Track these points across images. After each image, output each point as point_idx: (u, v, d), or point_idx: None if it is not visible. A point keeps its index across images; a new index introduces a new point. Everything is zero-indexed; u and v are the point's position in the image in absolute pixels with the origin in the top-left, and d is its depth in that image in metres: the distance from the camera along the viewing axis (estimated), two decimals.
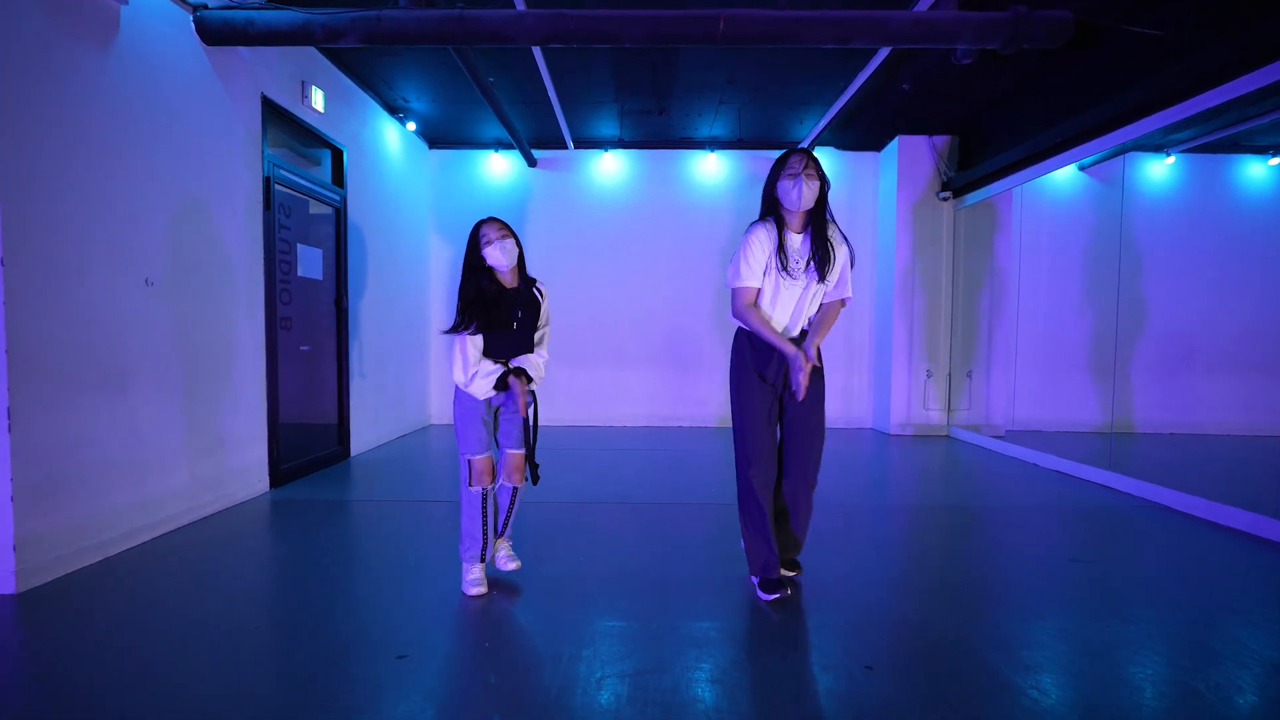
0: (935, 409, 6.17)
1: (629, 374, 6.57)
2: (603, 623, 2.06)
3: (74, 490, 2.47)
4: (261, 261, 3.65)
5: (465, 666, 1.79)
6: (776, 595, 2.22)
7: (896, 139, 6.07)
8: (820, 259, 2.16)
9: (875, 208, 6.52)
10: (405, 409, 5.90)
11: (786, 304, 2.21)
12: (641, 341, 6.55)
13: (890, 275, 6.20)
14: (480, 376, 2.19)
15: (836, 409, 6.64)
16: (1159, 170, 6.23)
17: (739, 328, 2.31)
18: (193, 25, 3.08)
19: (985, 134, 5.73)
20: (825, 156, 6.48)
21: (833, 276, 2.21)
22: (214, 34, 3.11)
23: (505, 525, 2.46)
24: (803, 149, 2.21)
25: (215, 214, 3.26)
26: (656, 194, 6.51)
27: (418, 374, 6.22)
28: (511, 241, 2.22)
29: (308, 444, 4.25)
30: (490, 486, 2.27)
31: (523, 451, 2.34)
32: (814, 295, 2.22)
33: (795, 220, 2.19)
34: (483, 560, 2.31)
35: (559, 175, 6.49)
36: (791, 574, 2.44)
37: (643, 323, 6.53)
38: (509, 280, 2.27)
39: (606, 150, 6.41)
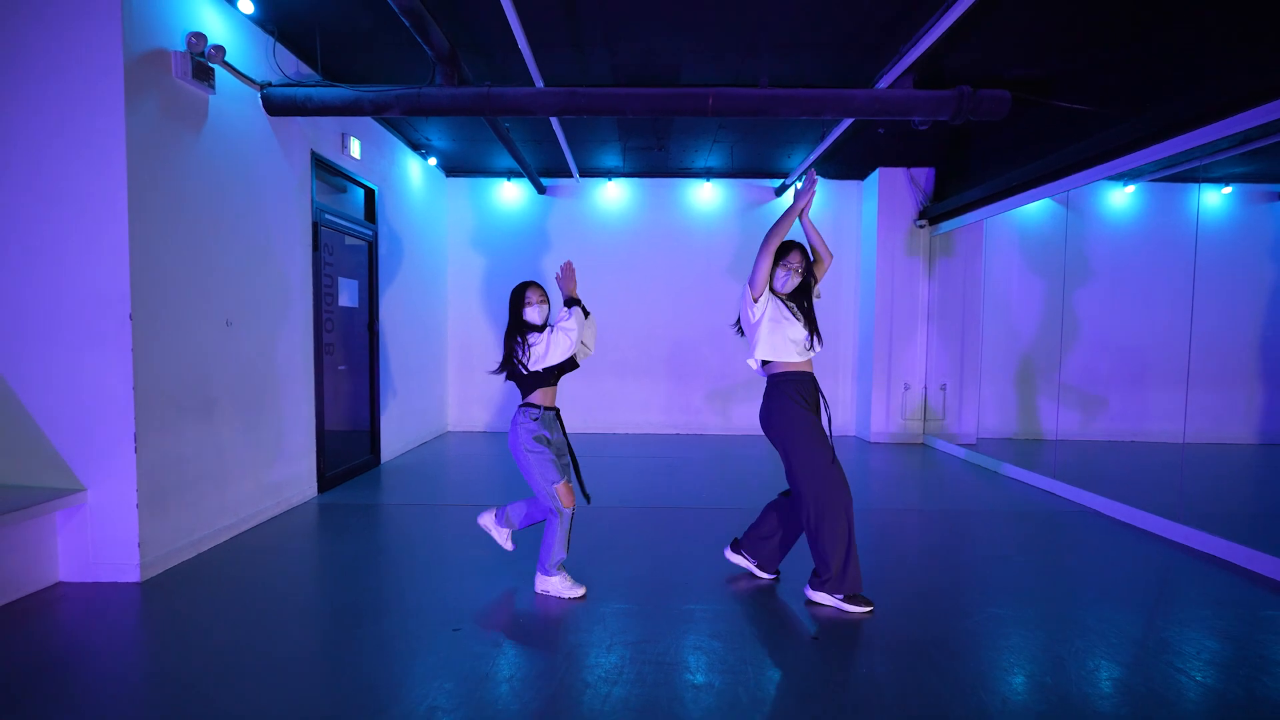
0: (913, 419, 6.71)
1: (631, 385, 7.11)
2: (609, 606, 2.60)
3: (177, 498, 3.02)
4: (311, 296, 4.19)
5: (508, 637, 2.34)
6: (869, 608, 2.55)
7: (877, 170, 6.60)
8: (807, 311, 2.74)
9: (858, 233, 7.05)
10: (427, 418, 6.45)
11: (797, 345, 2.69)
12: (643, 355, 7.09)
13: (871, 295, 6.73)
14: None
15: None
16: (1119, 198, 6.76)
17: (771, 380, 2.71)
18: (260, 101, 3.62)
19: (959, 167, 6.27)
20: None
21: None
22: (277, 107, 3.65)
23: (547, 560, 2.71)
24: (798, 246, 2.70)
25: (276, 259, 3.80)
26: (657, 219, 7.05)
27: (437, 385, 6.77)
28: (547, 307, 2.74)
29: (346, 453, 4.81)
30: (569, 510, 2.62)
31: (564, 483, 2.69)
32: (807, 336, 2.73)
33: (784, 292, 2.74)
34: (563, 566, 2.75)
35: (566, 202, 7.03)
36: (770, 577, 2.90)
37: (645, 338, 7.07)
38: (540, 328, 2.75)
39: (610, 179, 6.95)
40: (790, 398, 2.64)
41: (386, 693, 1.96)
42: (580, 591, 2.68)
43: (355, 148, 4.73)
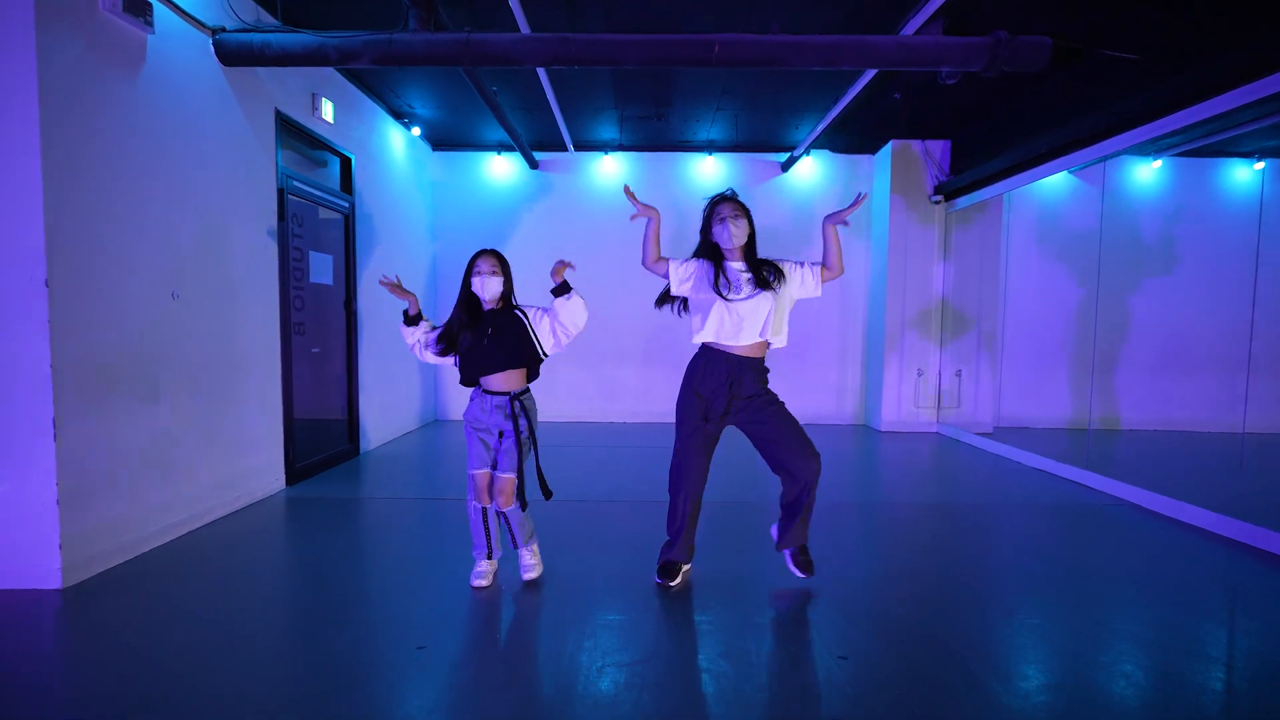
0: (925, 406, 6.36)
1: (628, 372, 6.75)
2: (603, 616, 2.26)
3: (111, 492, 2.66)
4: (276, 270, 3.82)
5: (479, 658, 1.99)
6: (663, 581, 2.50)
7: (890, 143, 6.21)
8: (763, 275, 2.40)
9: (870, 209, 6.67)
10: (414, 405, 6.10)
11: (745, 323, 2.39)
12: (640, 340, 6.73)
13: (883, 275, 6.36)
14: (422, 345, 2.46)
15: (829, 406, 6.83)
16: (1146, 174, 6.39)
17: (696, 352, 2.54)
18: (212, 48, 3.23)
19: (976, 139, 5.87)
20: (820, 159, 6.62)
21: (794, 277, 2.49)
22: (232, 55, 3.26)
23: (515, 540, 2.50)
24: (727, 195, 2.53)
25: (234, 227, 3.43)
26: (655, 196, 6.60)
27: (425, 369, 6.40)
28: (496, 280, 2.38)
29: (320, 443, 4.45)
30: (490, 503, 2.41)
31: (511, 476, 2.37)
32: (775, 310, 2.40)
33: (733, 255, 2.48)
34: (489, 557, 2.49)
35: (560, 177, 6.63)
36: (804, 575, 2.50)
37: (642, 322, 6.71)
38: (492, 304, 2.43)
39: (606, 153, 6.55)
40: (689, 376, 2.54)
41: None
42: (478, 583, 2.45)
43: (328, 110, 4.34)
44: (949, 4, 3.26)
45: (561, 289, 2.47)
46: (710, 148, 6.49)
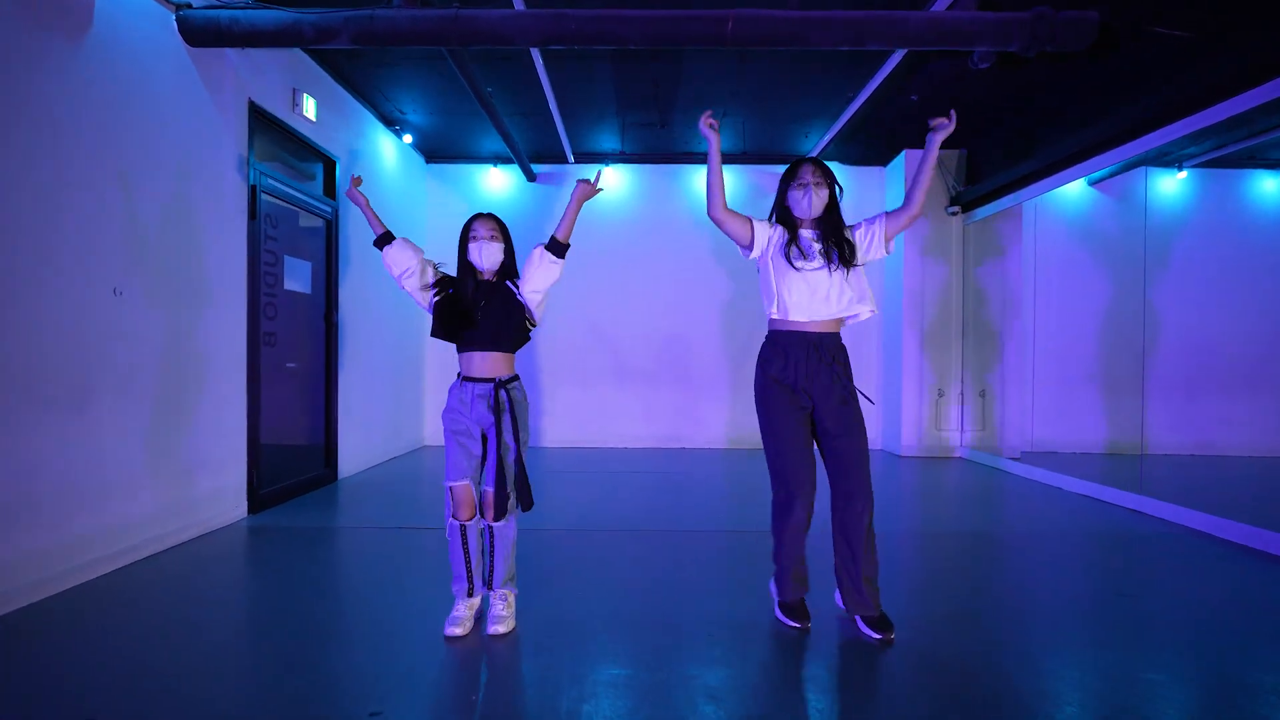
0: (948, 429, 5.95)
1: (630, 393, 6.36)
2: (605, 671, 1.82)
3: (30, 517, 2.24)
4: (245, 273, 3.46)
5: None
6: (796, 624, 2.11)
7: (903, 153, 5.95)
8: (838, 245, 2.11)
9: None
10: (398, 430, 5.67)
11: (813, 295, 2.09)
12: (643, 359, 6.36)
13: (898, 292, 6.03)
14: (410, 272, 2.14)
15: None
16: (1170, 185, 6.11)
17: (764, 341, 2.19)
18: (175, 24, 2.94)
19: (993, 148, 5.62)
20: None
21: (861, 243, 2.17)
22: (198, 34, 2.97)
23: (492, 573, 2.09)
24: (812, 158, 2.22)
25: (194, 222, 3.08)
26: (658, 209, 6.38)
27: (412, 393, 6.00)
28: (497, 246, 2.11)
29: (292, 466, 4.02)
30: (473, 520, 2.07)
31: (490, 489, 2.05)
32: (842, 287, 2.10)
33: (808, 225, 2.18)
34: (470, 595, 2.08)
35: (559, 190, 6.35)
36: (880, 636, 2.02)
37: (645, 340, 6.35)
38: (489, 275, 2.17)
39: (608, 164, 6.28)
40: (765, 367, 2.16)
41: None
42: (452, 631, 1.99)
43: (310, 107, 4.05)
44: None
45: (560, 248, 2.16)
46: None
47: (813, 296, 2.08)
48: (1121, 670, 1.85)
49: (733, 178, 6.33)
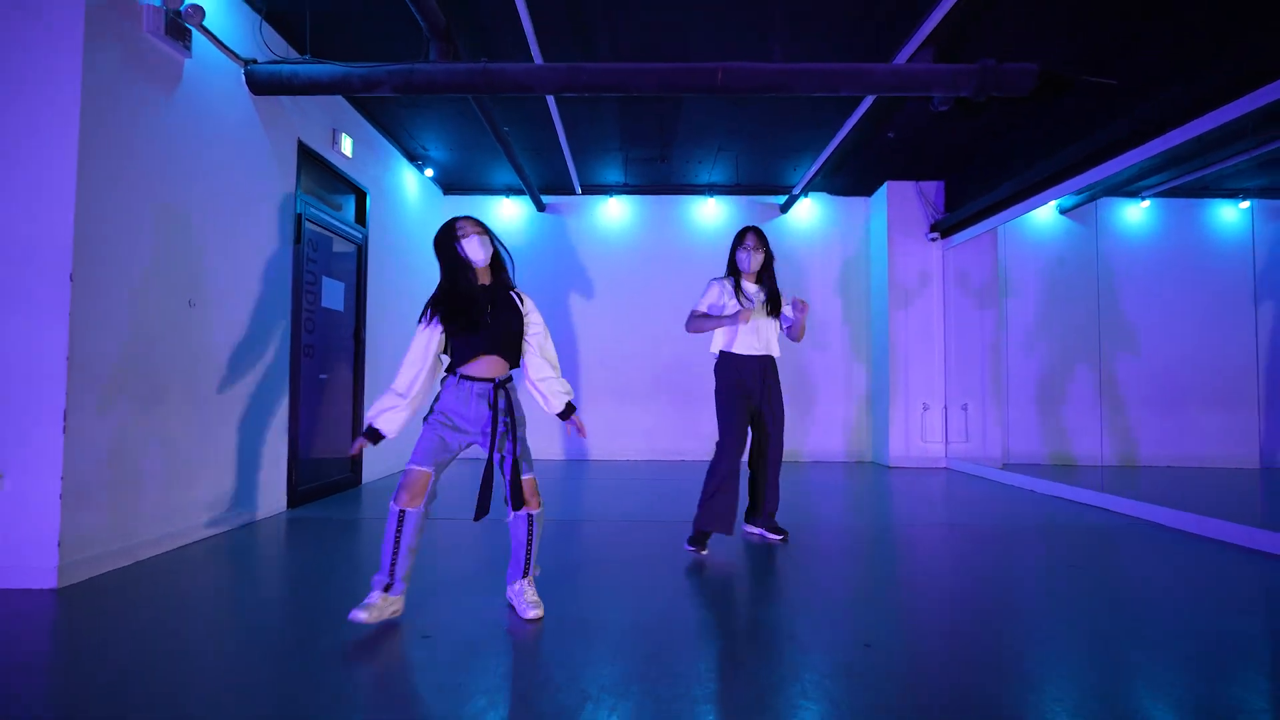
0: (933, 441, 6.30)
1: (634, 409, 6.72)
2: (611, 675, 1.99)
3: (112, 494, 2.61)
4: (290, 291, 3.88)
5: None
6: (695, 549, 2.98)
7: (886, 184, 6.43)
8: (770, 297, 3.16)
9: (869, 249, 6.83)
10: (416, 437, 6.02)
11: (751, 332, 3.11)
12: (646, 378, 6.74)
13: (884, 313, 6.44)
14: (404, 407, 2.10)
15: (836, 443, 6.77)
16: (1135, 213, 6.58)
17: (718, 357, 3.20)
18: (243, 77, 3.41)
19: (969, 178, 6.10)
20: (818, 201, 6.85)
21: (786, 311, 3.17)
22: (262, 85, 3.44)
23: (527, 565, 2.15)
24: (754, 227, 3.20)
25: (253, 245, 3.51)
26: (659, 237, 6.84)
27: (428, 404, 6.36)
28: (485, 239, 2.13)
29: (322, 469, 4.39)
30: (416, 509, 2.01)
31: (531, 477, 2.14)
32: (772, 328, 3.17)
33: (749, 277, 3.21)
34: (387, 589, 2.00)
35: (566, 219, 6.83)
36: (779, 537, 3.19)
37: (647, 359, 6.74)
38: (483, 278, 2.17)
39: (611, 195, 6.78)
40: (726, 374, 3.15)
41: None
42: (358, 616, 1.93)
43: (347, 145, 4.53)
44: (937, 33, 3.48)
45: (569, 409, 2.27)
46: (711, 190, 6.72)
47: (756, 335, 3.11)
48: (1064, 613, 2.19)
49: (728, 207, 6.82)
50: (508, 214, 6.81)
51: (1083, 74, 3.48)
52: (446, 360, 2.18)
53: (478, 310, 2.09)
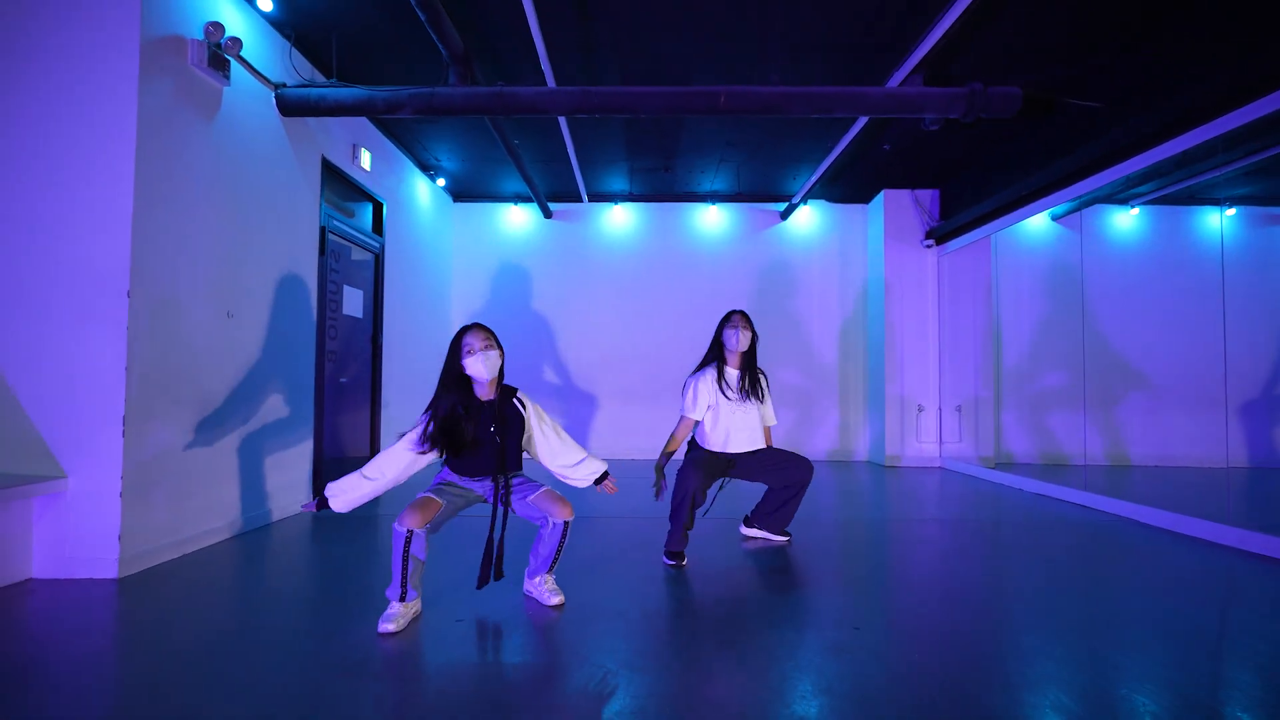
0: (928, 442, 6.52)
1: (638, 409, 6.95)
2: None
3: (164, 491, 2.83)
4: (315, 300, 4.10)
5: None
6: (675, 563, 2.93)
7: (882, 192, 6.64)
8: (751, 383, 3.13)
9: (865, 255, 7.04)
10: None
11: (732, 423, 3.09)
12: (649, 378, 6.96)
13: (880, 317, 6.66)
14: (366, 494, 2.14)
15: (831, 443, 6.99)
16: (1125, 220, 6.79)
17: (691, 445, 3.23)
18: (274, 100, 3.63)
19: (964, 187, 6.31)
20: (817, 208, 7.06)
21: (767, 400, 3.22)
22: (291, 107, 3.66)
23: (553, 559, 2.30)
24: (740, 311, 3.16)
25: (282, 258, 3.73)
26: (662, 243, 7.05)
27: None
28: (495, 353, 2.18)
29: (343, 469, 4.60)
30: (421, 530, 2.07)
31: (547, 487, 2.27)
32: (752, 415, 3.13)
33: (733, 358, 3.16)
34: (402, 599, 2.11)
35: (572, 226, 7.05)
36: (784, 538, 3.30)
37: (650, 361, 6.96)
38: (486, 392, 2.22)
39: (617, 203, 6.99)
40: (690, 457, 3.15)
41: None
42: (386, 628, 2.04)
43: (366, 159, 4.75)
44: (929, 59, 3.68)
45: (602, 475, 2.34)
46: (714, 198, 6.94)
47: (740, 432, 3.08)
48: (1038, 602, 2.41)
49: (729, 216, 7.04)
50: (515, 220, 7.02)
51: (1066, 97, 3.68)
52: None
53: (477, 435, 2.16)
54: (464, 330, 2.21)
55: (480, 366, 2.15)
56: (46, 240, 2.63)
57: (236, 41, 3.11)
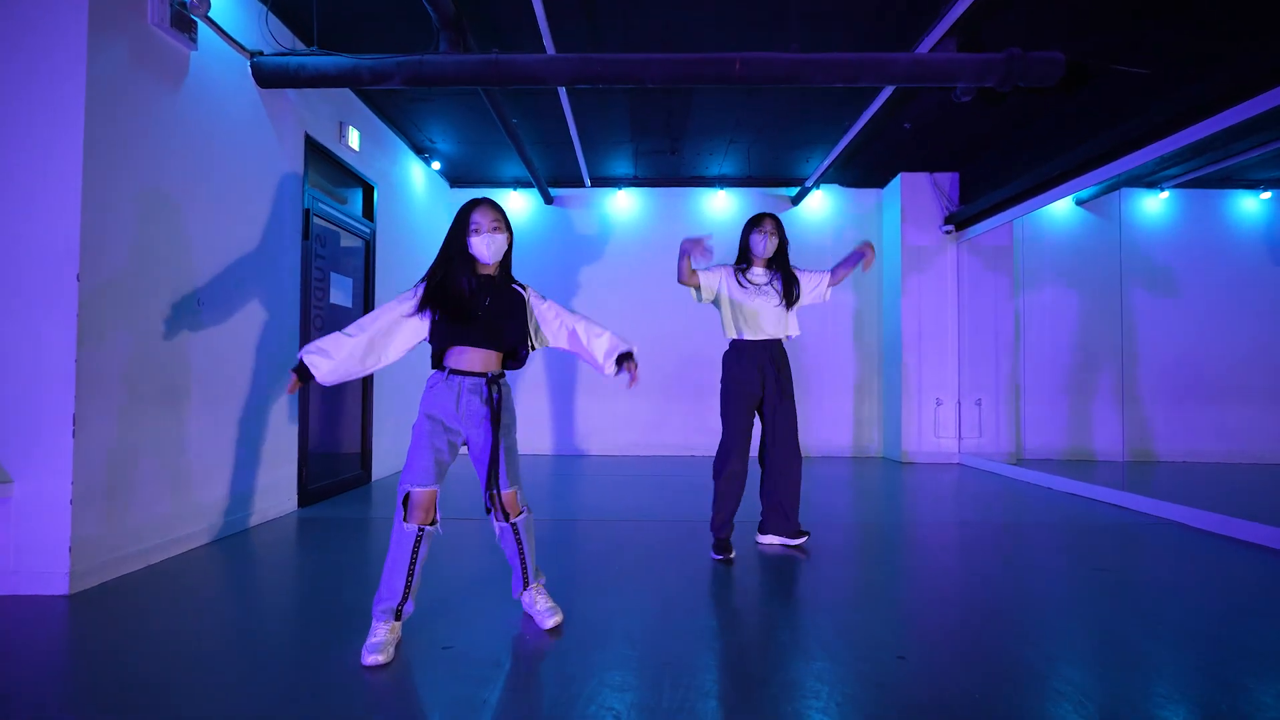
0: (946, 437, 6.23)
1: (642, 402, 6.67)
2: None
3: (125, 497, 2.57)
4: (299, 288, 3.83)
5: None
6: (723, 557, 2.83)
7: (899, 175, 6.32)
8: (784, 281, 2.97)
9: (880, 242, 6.74)
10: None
11: (757, 307, 2.93)
12: (654, 371, 6.68)
13: (896, 307, 6.36)
14: (345, 355, 1.86)
15: (847, 438, 6.71)
16: (1154, 205, 6.46)
17: (727, 348, 3.03)
18: (249, 70, 3.34)
19: (985, 169, 5.99)
20: (830, 193, 6.75)
21: (808, 285, 3.03)
22: (268, 78, 3.37)
23: (525, 575, 2.08)
24: (771, 214, 2.99)
25: (262, 242, 3.45)
26: (668, 230, 6.75)
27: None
28: (503, 237, 1.95)
29: (333, 467, 4.35)
30: (434, 526, 1.87)
31: (514, 490, 2.02)
32: (784, 316, 2.98)
33: (759, 262, 3.02)
34: (398, 618, 1.87)
35: (575, 212, 6.75)
36: (798, 541, 3.03)
37: (654, 353, 6.67)
38: (487, 269, 2.02)
39: (621, 188, 6.69)
40: (730, 368, 2.99)
41: None
42: (372, 660, 1.76)
43: (354, 138, 4.46)
44: (961, 23, 3.38)
45: (626, 355, 2.11)
46: (722, 182, 6.63)
47: (766, 316, 2.93)
48: (1095, 620, 2.13)
49: (738, 200, 6.73)
50: (515, 207, 6.73)
51: (1111, 64, 3.38)
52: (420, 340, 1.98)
53: (473, 301, 1.93)
54: (472, 204, 1.97)
55: (484, 248, 1.94)
56: None
57: (203, 1, 2.81)
